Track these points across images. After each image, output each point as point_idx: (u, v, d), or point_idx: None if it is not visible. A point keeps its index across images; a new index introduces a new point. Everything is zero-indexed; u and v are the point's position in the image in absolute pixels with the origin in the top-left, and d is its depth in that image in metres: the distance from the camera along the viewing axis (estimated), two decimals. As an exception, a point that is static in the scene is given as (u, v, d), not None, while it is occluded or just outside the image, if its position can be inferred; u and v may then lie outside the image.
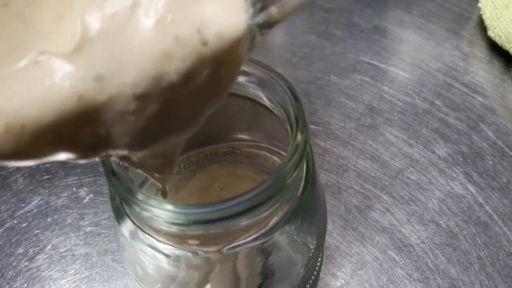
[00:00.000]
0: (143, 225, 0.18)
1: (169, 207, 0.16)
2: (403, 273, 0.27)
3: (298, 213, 0.20)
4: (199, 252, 0.18)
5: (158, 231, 0.18)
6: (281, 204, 0.19)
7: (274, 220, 0.19)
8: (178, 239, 0.18)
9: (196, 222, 0.16)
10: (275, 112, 0.21)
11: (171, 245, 0.18)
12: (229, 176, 0.28)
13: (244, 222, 0.17)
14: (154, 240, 0.18)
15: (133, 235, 0.19)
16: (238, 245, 0.18)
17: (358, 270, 0.27)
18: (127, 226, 0.19)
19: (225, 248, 0.18)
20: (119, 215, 0.19)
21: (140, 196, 0.16)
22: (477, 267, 0.27)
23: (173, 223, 0.16)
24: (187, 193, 0.28)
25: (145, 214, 0.17)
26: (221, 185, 0.28)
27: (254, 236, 0.19)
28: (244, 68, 0.21)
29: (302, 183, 0.20)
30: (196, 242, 0.18)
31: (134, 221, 0.19)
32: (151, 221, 0.17)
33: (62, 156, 0.13)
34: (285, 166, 0.17)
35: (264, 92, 0.21)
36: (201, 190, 0.28)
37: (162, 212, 0.16)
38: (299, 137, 0.18)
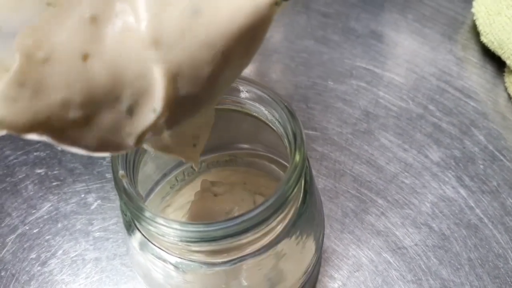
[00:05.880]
0: (153, 238, 0.20)
1: (176, 225, 0.17)
2: (397, 274, 0.29)
3: (298, 223, 0.21)
4: (206, 263, 0.19)
5: (166, 244, 0.19)
6: (283, 217, 0.20)
7: (276, 231, 0.20)
8: (186, 251, 0.19)
9: (203, 239, 0.17)
10: (274, 128, 0.22)
11: (179, 257, 0.19)
12: (243, 173, 0.29)
13: (249, 237, 0.18)
14: (163, 252, 0.20)
15: (143, 246, 0.20)
16: (243, 257, 0.19)
17: (355, 272, 0.29)
18: (137, 239, 0.20)
19: (230, 260, 0.19)
20: (130, 228, 0.21)
21: (148, 215, 0.18)
22: (467, 269, 0.29)
23: (180, 240, 0.18)
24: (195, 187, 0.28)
25: (154, 230, 0.18)
26: (243, 180, 0.28)
27: (259, 247, 0.20)
28: (244, 87, 0.22)
29: (301, 195, 0.22)
30: (202, 255, 0.19)
31: (144, 234, 0.20)
32: (159, 236, 0.18)
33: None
34: (286, 184, 0.19)
35: (264, 109, 0.22)
36: (209, 184, 0.29)
37: (170, 229, 0.17)
38: (297, 157, 0.19)
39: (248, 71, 0.39)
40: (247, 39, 0.15)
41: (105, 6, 0.13)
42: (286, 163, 0.26)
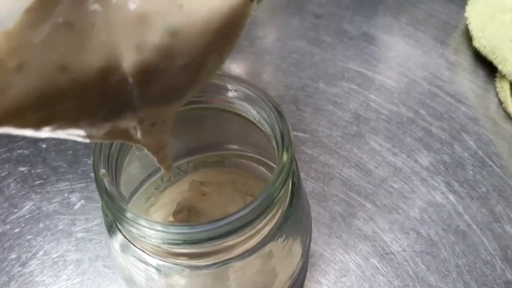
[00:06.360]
0: (134, 240, 0.19)
1: (158, 227, 0.17)
2: (384, 280, 0.28)
3: (285, 226, 0.21)
4: (189, 266, 0.19)
5: (148, 246, 0.19)
6: (269, 219, 0.20)
7: (262, 235, 0.20)
8: (168, 254, 0.19)
9: (185, 242, 0.17)
10: (262, 129, 0.22)
11: (162, 260, 0.19)
12: (232, 174, 0.28)
13: (233, 240, 0.18)
14: (145, 254, 0.19)
15: (124, 248, 0.20)
16: (228, 260, 0.19)
17: (342, 277, 0.28)
18: (118, 240, 0.20)
19: (214, 263, 0.19)
20: (111, 229, 0.20)
21: (130, 216, 0.17)
22: (455, 275, 0.29)
23: (163, 242, 0.17)
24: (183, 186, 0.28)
25: (135, 231, 0.17)
26: (232, 180, 0.28)
27: (244, 250, 0.19)
28: (233, 86, 0.22)
29: (288, 197, 0.21)
30: (185, 258, 0.19)
31: (126, 235, 0.19)
32: (141, 238, 0.18)
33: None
34: (273, 185, 0.18)
35: (252, 109, 0.22)
36: (198, 184, 0.28)
37: (152, 231, 0.17)
38: (284, 156, 0.19)
39: (240, 71, 0.39)
40: (222, 42, 0.14)
41: (78, 12, 0.13)
42: (275, 165, 0.25)
